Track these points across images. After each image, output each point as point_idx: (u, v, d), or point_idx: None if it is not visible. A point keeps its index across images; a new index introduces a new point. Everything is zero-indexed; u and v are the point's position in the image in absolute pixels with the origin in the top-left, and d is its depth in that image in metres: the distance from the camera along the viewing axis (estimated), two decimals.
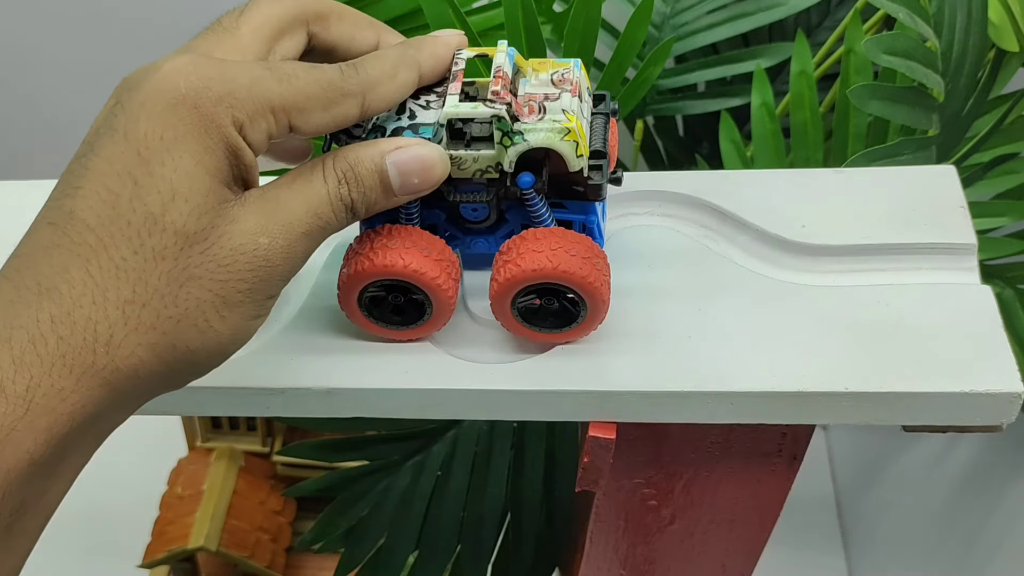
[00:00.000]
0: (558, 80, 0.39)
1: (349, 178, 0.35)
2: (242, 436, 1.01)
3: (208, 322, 0.32)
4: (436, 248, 0.39)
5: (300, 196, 0.34)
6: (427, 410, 0.41)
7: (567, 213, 0.40)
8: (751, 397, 0.40)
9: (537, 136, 0.37)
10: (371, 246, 0.38)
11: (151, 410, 0.42)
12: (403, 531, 0.72)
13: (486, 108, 0.37)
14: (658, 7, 0.79)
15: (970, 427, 0.40)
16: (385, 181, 0.36)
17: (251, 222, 0.33)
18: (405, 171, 0.36)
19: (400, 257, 0.38)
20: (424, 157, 0.36)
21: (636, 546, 0.53)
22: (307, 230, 0.34)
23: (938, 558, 0.87)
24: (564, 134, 0.37)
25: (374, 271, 0.38)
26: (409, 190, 0.37)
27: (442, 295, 0.39)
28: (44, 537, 0.35)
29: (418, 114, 0.38)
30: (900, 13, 0.55)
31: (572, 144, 0.37)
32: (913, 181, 0.46)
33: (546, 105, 0.38)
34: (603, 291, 0.39)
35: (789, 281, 0.43)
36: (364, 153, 0.36)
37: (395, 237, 0.39)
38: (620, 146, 0.90)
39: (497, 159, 0.38)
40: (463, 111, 0.37)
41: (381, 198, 0.36)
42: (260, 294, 0.34)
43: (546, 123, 0.37)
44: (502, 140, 0.37)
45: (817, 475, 1.13)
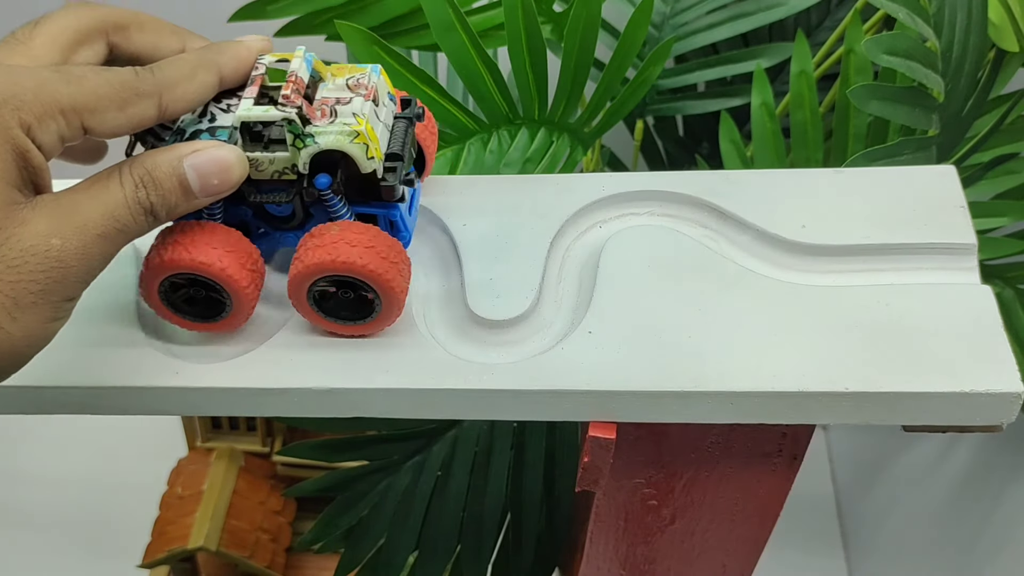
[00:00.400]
0: (353, 85, 0.40)
1: (147, 182, 0.36)
2: (242, 436, 1.01)
3: (3, 329, 0.33)
4: (229, 241, 0.40)
5: (96, 200, 0.35)
6: (427, 410, 0.41)
7: (370, 208, 0.41)
8: (751, 397, 0.40)
9: (327, 139, 0.38)
10: (163, 242, 0.39)
11: (151, 410, 0.42)
12: (403, 531, 0.72)
13: (277, 111, 0.38)
14: (658, 7, 0.79)
15: (970, 427, 0.40)
16: (184, 184, 0.37)
17: (43, 224, 0.33)
18: (204, 173, 0.37)
19: (187, 251, 0.39)
20: (221, 159, 0.37)
21: (636, 546, 0.53)
22: (103, 232, 0.34)
23: (938, 558, 0.87)
24: (353, 136, 0.38)
25: (165, 266, 0.39)
26: (209, 192, 0.37)
27: (235, 285, 0.40)
28: (44, 537, 0.35)
29: (218, 117, 0.39)
30: (900, 13, 0.55)
31: (362, 146, 0.38)
32: (913, 181, 0.46)
33: (338, 109, 0.39)
34: (389, 279, 0.40)
35: (789, 281, 0.43)
36: (161, 157, 0.36)
37: (186, 233, 0.39)
38: (620, 146, 0.91)
39: (291, 161, 0.39)
40: (254, 114, 0.38)
41: (182, 201, 0.37)
42: (55, 295, 0.34)
43: (336, 126, 0.38)
44: (294, 142, 0.38)
45: (817, 475, 1.13)
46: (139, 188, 0.36)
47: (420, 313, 0.43)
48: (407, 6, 0.66)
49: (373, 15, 0.67)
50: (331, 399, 0.41)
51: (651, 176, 0.47)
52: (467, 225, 0.45)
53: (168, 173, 0.36)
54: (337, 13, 0.66)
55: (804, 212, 0.45)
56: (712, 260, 0.44)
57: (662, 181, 0.46)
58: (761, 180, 0.46)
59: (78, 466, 1.16)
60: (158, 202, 0.36)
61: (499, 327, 0.42)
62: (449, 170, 0.61)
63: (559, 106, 0.63)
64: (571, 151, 0.65)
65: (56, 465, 1.17)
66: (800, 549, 1.06)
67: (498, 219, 0.46)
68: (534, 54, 0.59)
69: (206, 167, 0.37)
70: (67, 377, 0.41)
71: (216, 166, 0.37)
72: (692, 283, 0.43)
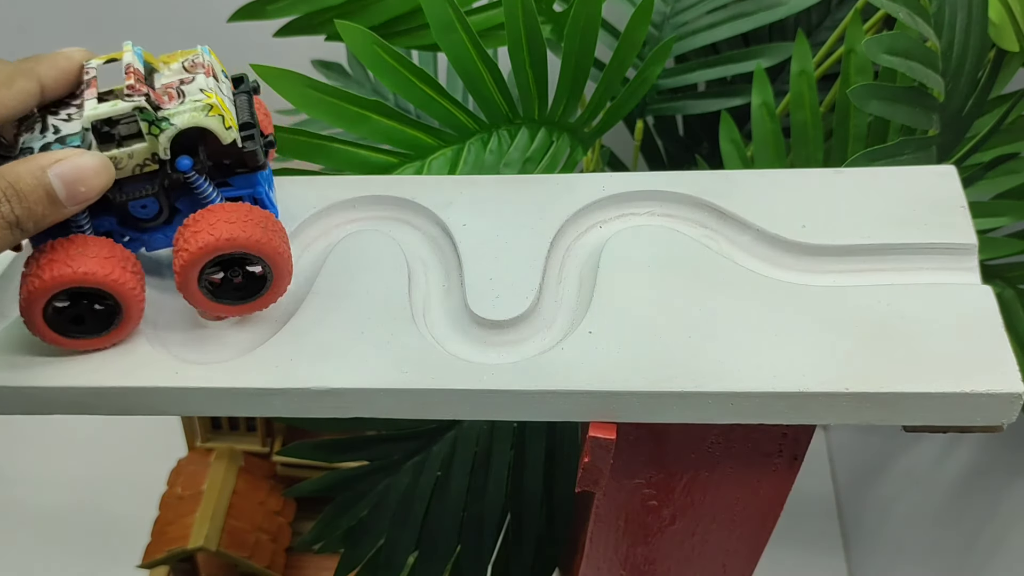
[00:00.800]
0: (190, 66, 0.40)
1: (10, 195, 0.36)
2: (242, 436, 1.01)
3: None
4: (105, 249, 0.40)
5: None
6: (427, 410, 0.41)
7: (234, 190, 0.42)
8: (752, 397, 0.40)
9: (183, 117, 0.39)
10: (38, 264, 0.39)
11: (151, 410, 0.42)
12: (403, 531, 0.72)
13: (125, 103, 0.38)
14: (658, 7, 0.79)
15: (970, 427, 0.40)
16: (51, 194, 0.36)
17: None
18: (69, 181, 0.37)
19: (67, 265, 0.38)
20: (85, 165, 0.37)
21: (636, 546, 0.53)
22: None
23: (938, 558, 0.87)
24: (208, 110, 0.39)
25: (48, 286, 0.39)
26: (78, 199, 0.37)
27: (123, 289, 0.40)
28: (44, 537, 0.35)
29: (62, 128, 0.40)
30: (900, 13, 0.55)
31: (218, 118, 0.39)
32: (913, 181, 0.46)
33: (184, 89, 0.39)
34: (275, 245, 0.40)
35: (789, 281, 0.43)
36: (23, 169, 0.36)
37: (60, 249, 0.39)
38: (620, 146, 0.91)
39: (151, 150, 0.39)
40: (103, 111, 0.38)
41: (49, 211, 0.37)
42: None
43: (188, 104, 0.39)
44: (150, 130, 0.39)
45: (817, 475, 1.13)
46: (2, 203, 0.35)
47: (420, 313, 0.43)
48: (407, 6, 0.66)
49: (373, 15, 0.66)
50: (331, 399, 0.41)
51: (651, 176, 0.47)
52: (467, 225, 0.45)
53: (33, 185, 0.36)
54: (337, 13, 0.66)
55: (804, 212, 0.45)
56: (712, 260, 0.44)
57: (662, 181, 0.46)
58: (761, 180, 0.46)
59: (78, 466, 1.16)
60: (24, 215, 0.36)
61: (499, 327, 0.42)
62: (449, 170, 0.61)
63: (559, 106, 0.63)
64: (571, 151, 0.65)
65: (56, 465, 1.17)
66: (800, 549, 1.06)
67: (498, 219, 0.46)
68: (534, 54, 0.59)
69: (71, 175, 0.37)
70: (67, 377, 0.41)
71: (81, 172, 0.37)
72: (692, 283, 0.43)
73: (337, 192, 0.47)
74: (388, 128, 0.59)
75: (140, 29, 1.04)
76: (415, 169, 0.60)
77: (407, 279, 0.44)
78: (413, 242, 0.46)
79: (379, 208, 0.47)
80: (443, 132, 0.61)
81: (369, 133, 0.58)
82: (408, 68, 0.58)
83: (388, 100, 0.86)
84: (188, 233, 0.39)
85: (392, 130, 0.59)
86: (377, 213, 0.47)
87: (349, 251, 0.45)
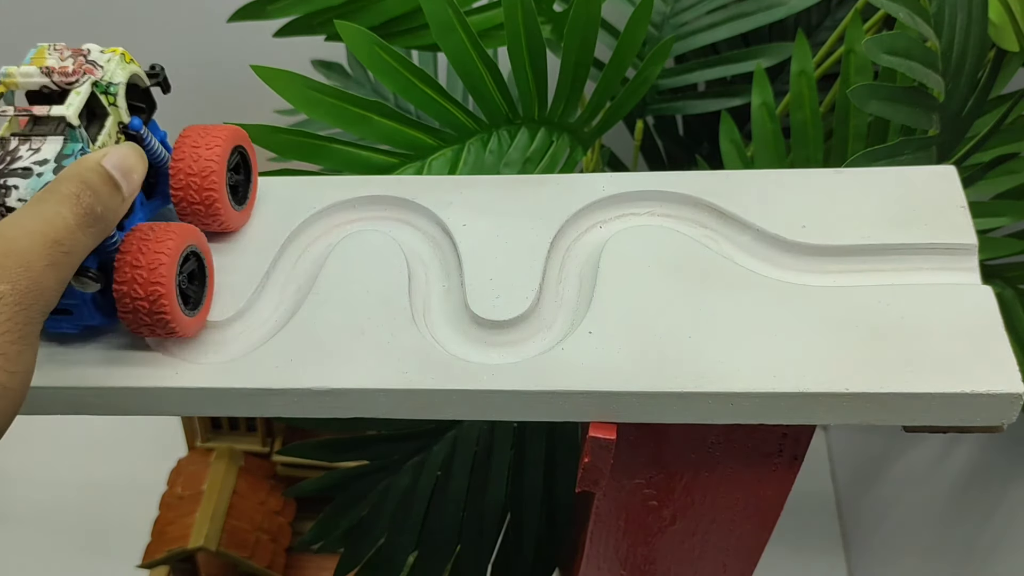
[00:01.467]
0: (58, 48, 0.40)
1: (85, 190, 0.35)
2: (242, 436, 1.01)
3: (3, 384, 0.32)
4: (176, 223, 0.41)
5: (33, 231, 0.34)
6: (427, 410, 0.41)
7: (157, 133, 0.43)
8: (752, 397, 0.40)
9: (118, 75, 0.40)
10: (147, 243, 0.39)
11: (151, 410, 0.42)
12: (403, 531, 0.72)
13: (84, 87, 0.39)
14: (658, 7, 0.79)
15: (970, 427, 0.40)
16: (116, 184, 0.37)
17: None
18: (125, 169, 0.37)
19: (173, 232, 0.39)
20: (128, 153, 0.38)
21: (636, 546, 0.53)
22: (51, 262, 0.34)
23: (938, 558, 0.87)
24: (126, 60, 0.40)
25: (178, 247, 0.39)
26: (132, 187, 0.38)
27: (209, 256, 0.42)
28: (44, 537, 0.35)
29: (21, 151, 0.38)
30: (900, 13, 0.55)
31: (135, 64, 0.40)
32: (913, 181, 0.46)
33: (86, 58, 0.39)
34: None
35: (789, 281, 0.43)
36: (83, 167, 0.36)
37: (146, 228, 0.39)
38: (620, 146, 0.91)
39: (117, 119, 0.40)
40: (79, 101, 0.38)
41: (119, 202, 0.37)
42: (32, 335, 0.33)
43: (110, 65, 0.40)
44: (107, 100, 0.39)
45: (817, 475, 1.13)
46: (81, 198, 0.35)
47: (420, 313, 0.43)
48: (407, 6, 0.66)
49: (373, 15, 0.67)
50: (331, 399, 0.41)
51: (651, 176, 0.47)
52: (467, 225, 0.45)
53: (99, 179, 0.36)
54: (337, 13, 0.66)
55: (804, 212, 0.45)
56: (712, 260, 0.44)
57: (662, 181, 0.46)
58: (761, 180, 0.46)
59: (78, 466, 1.16)
60: (103, 208, 0.36)
61: (499, 327, 0.42)
62: (449, 170, 0.61)
63: (559, 106, 0.63)
64: (571, 151, 0.65)
65: (56, 465, 1.17)
66: (800, 549, 1.06)
67: (498, 219, 0.46)
68: (534, 54, 0.59)
69: (123, 163, 0.37)
70: (67, 377, 0.41)
71: (128, 159, 0.38)
72: (692, 283, 0.43)
73: (337, 192, 0.47)
74: (388, 129, 0.58)
75: (140, 29, 1.04)
76: (415, 169, 0.60)
77: (407, 279, 0.44)
78: (413, 242, 0.46)
79: (379, 208, 0.47)
80: (443, 132, 0.61)
81: (369, 134, 0.58)
82: (408, 68, 0.58)
83: (388, 101, 0.86)
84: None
85: (392, 131, 0.59)
86: (377, 213, 0.47)
87: (349, 251, 0.45)
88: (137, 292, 0.38)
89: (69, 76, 0.38)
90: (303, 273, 0.45)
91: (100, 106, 0.39)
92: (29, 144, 0.38)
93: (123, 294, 0.38)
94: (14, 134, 0.38)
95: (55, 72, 0.39)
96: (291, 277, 0.45)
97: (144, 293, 0.38)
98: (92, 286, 0.38)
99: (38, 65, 0.39)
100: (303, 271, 0.45)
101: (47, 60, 0.39)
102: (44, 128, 0.38)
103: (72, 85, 0.38)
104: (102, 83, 0.39)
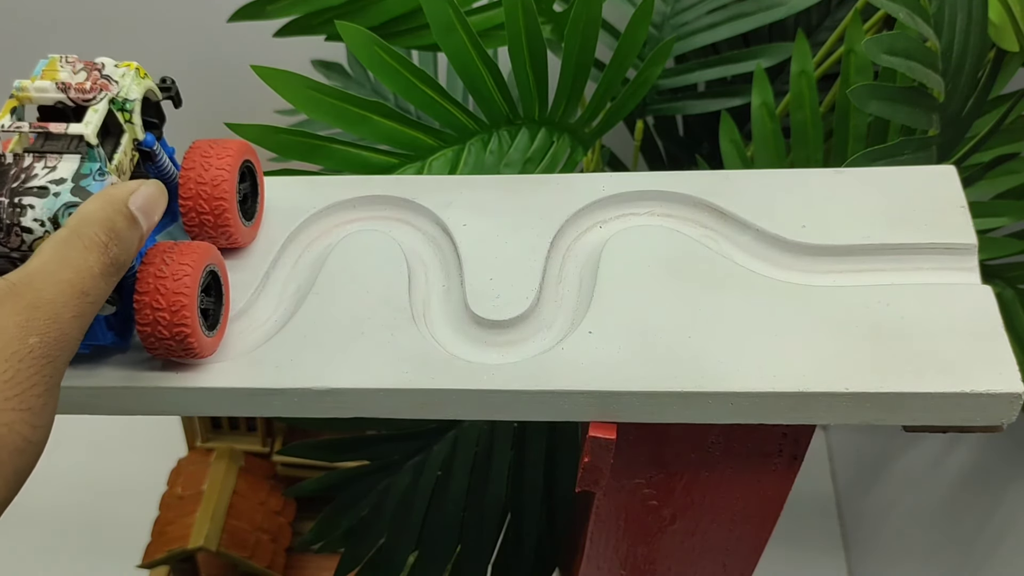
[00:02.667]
0: (70, 60, 0.39)
1: (112, 239, 0.35)
2: (242, 436, 1.01)
3: (27, 439, 0.31)
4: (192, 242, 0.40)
5: (60, 281, 0.33)
6: (427, 410, 0.41)
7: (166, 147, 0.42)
8: (752, 397, 0.40)
9: (133, 91, 0.39)
10: (168, 262, 0.38)
11: (151, 410, 0.42)
12: (403, 531, 0.72)
13: (101, 104, 0.37)
14: (658, 7, 0.79)
15: (970, 427, 0.40)
16: (139, 226, 0.36)
17: (11, 323, 0.31)
18: (148, 211, 0.36)
19: (194, 250, 0.39)
20: (153, 192, 0.37)
21: (636, 546, 0.53)
22: (77, 313, 0.33)
23: (938, 558, 0.87)
24: (141, 75, 0.39)
25: (199, 264, 0.38)
26: (151, 224, 0.37)
27: (225, 273, 0.41)
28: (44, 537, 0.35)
29: (36, 169, 0.37)
30: (900, 13, 0.55)
31: (149, 79, 0.40)
32: (913, 181, 0.46)
33: (100, 72, 0.38)
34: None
35: (789, 281, 0.43)
36: (110, 210, 0.35)
37: (166, 248, 0.39)
38: (620, 146, 0.91)
39: (132, 136, 0.39)
40: (96, 119, 0.37)
41: (136, 246, 0.36)
42: (56, 387, 0.33)
43: (124, 80, 0.38)
44: (123, 117, 0.38)
45: (817, 475, 1.13)
46: (110, 248, 0.35)
47: (420, 313, 0.43)
48: (407, 6, 0.66)
49: (373, 15, 0.67)
50: (331, 399, 0.41)
51: (651, 176, 0.47)
52: (467, 225, 0.45)
53: (125, 224, 0.35)
54: (337, 13, 0.66)
55: (804, 212, 0.45)
56: (712, 260, 0.44)
57: (662, 181, 0.46)
58: (761, 180, 0.46)
59: (78, 466, 1.16)
60: (124, 255, 0.35)
61: (499, 327, 0.42)
62: (449, 171, 0.61)
63: (559, 106, 0.63)
64: (571, 151, 0.65)
65: (55, 465, 1.17)
66: (800, 549, 1.06)
67: (498, 219, 0.46)
68: (534, 54, 0.59)
69: (148, 205, 0.36)
70: (67, 377, 0.41)
71: (152, 199, 0.37)
72: (692, 283, 0.43)
73: (337, 192, 0.47)
74: (388, 129, 0.58)
75: (140, 29, 1.04)
76: (415, 170, 0.60)
77: (407, 279, 0.44)
78: (413, 242, 0.46)
79: (379, 208, 0.47)
80: (443, 133, 0.61)
81: (369, 134, 0.58)
82: (408, 69, 0.58)
83: (388, 101, 0.86)
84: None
85: (392, 131, 0.59)
86: (377, 213, 0.47)
87: (349, 251, 0.45)
88: (162, 333, 0.38)
89: (87, 93, 0.37)
90: (303, 273, 0.45)
91: (116, 123, 0.38)
92: (44, 161, 0.37)
93: (147, 335, 0.38)
94: (27, 150, 0.37)
95: (72, 88, 0.38)
96: (291, 277, 0.45)
97: (169, 334, 0.38)
98: (108, 308, 0.38)
99: (51, 79, 0.38)
100: (303, 271, 0.45)
101: (60, 74, 0.38)
102: (56, 144, 0.37)
103: (89, 103, 0.37)
104: (118, 100, 0.38)
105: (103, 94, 0.37)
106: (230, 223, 0.42)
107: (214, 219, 0.42)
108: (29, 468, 0.32)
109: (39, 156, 0.37)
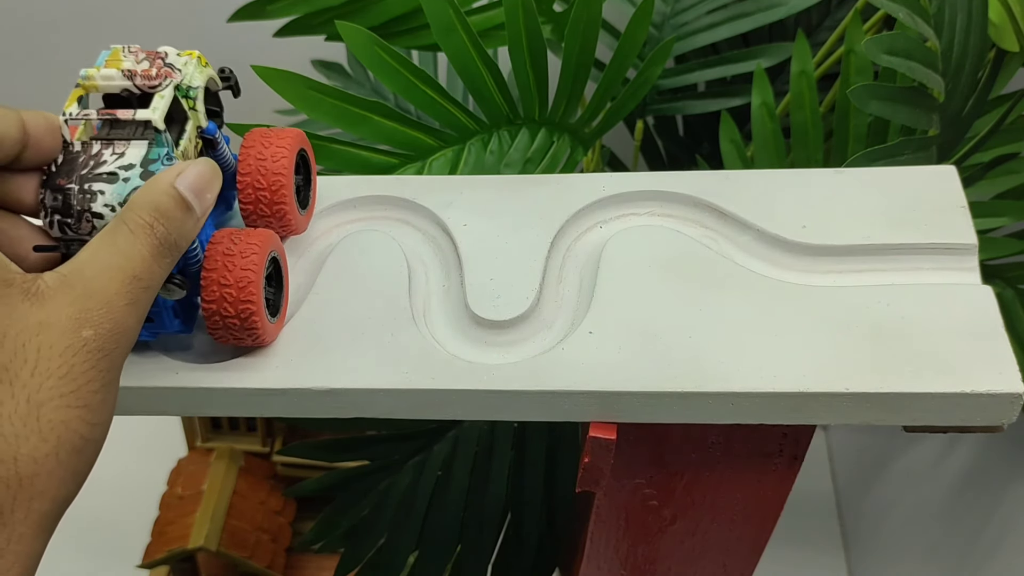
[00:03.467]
0: (133, 50, 0.39)
1: (158, 218, 0.34)
2: (242, 436, 1.01)
3: (84, 437, 0.31)
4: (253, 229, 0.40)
5: (110, 269, 0.32)
6: (427, 410, 0.41)
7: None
8: (752, 397, 0.40)
9: (197, 79, 0.39)
10: (234, 245, 0.38)
11: (151, 410, 0.42)
12: (403, 531, 0.72)
13: (167, 90, 0.38)
14: (658, 7, 0.79)
15: (970, 427, 0.40)
16: (189, 206, 0.35)
17: (63, 315, 0.31)
18: (198, 190, 0.36)
19: (258, 235, 0.39)
20: (204, 171, 0.36)
21: (637, 546, 0.53)
22: (131, 300, 0.32)
23: (938, 558, 0.87)
24: (202, 64, 0.39)
25: (265, 248, 0.39)
26: (205, 208, 0.36)
27: (285, 261, 0.41)
28: None
29: (105, 156, 0.37)
30: (900, 13, 0.55)
31: (210, 68, 0.40)
32: (913, 181, 0.46)
33: (162, 60, 0.39)
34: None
35: (789, 281, 0.43)
36: (156, 190, 0.35)
37: (231, 234, 0.39)
38: (620, 146, 0.91)
39: (196, 122, 0.39)
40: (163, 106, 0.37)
41: (191, 225, 0.35)
42: (114, 381, 0.32)
43: (187, 68, 0.39)
44: (188, 104, 0.38)
45: (817, 475, 1.13)
46: (156, 228, 0.34)
47: (420, 313, 0.43)
48: (407, 6, 0.66)
49: (373, 15, 0.67)
50: (331, 399, 0.41)
51: (651, 176, 0.47)
52: (467, 225, 0.45)
53: (172, 203, 0.35)
54: (337, 13, 0.66)
55: (804, 212, 0.45)
56: (712, 260, 0.44)
57: (662, 181, 0.46)
58: (761, 180, 0.46)
59: None
60: (177, 234, 0.35)
61: (499, 327, 0.42)
62: (450, 171, 0.61)
63: (559, 106, 0.63)
64: (571, 151, 0.65)
65: None
66: (800, 549, 1.06)
67: (498, 219, 0.46)
68: (534, 54, 0.59)
69: (198, 183, 0.36)
70: None
71: (203, 179, 0.36)
72: (692, 283, 0.43)
73: (337, 192, 0.47)
74: (388, 129, 0.58)
75: (140, 29, 1.04)
76: (416, 170, 0.60)
77: (407, 279, 0.44)
78: (413, 242, 0.46)
79: (379, 208, 0.47)
80: (444, 133, 0.61)
81: (369, 134, 0.58)
82: (408, 69, 0.58)
83: (388, 101, 0.86)
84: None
85: (392, 131, 0.59)
86: (377, 213, 0.47)
87: (349, 251, 0.45)
88: (228, 311, 0.38)
89: (152, 80, 0.38)
90: (303, 273, 0.45)
91: (180, 110, 0.38)
92: (112, 148, 0.37)
93: (212, 312, 0.38)
94: (94, 138, 0.37)
95: (137, 75, 0.38)
96: (291, 277, 0.45)
97: (235, 311, 0.38)
98: (178, 293, 0.37)
99: (116, 68, 0.38)
100: (303, 270, 0.45)
101: (124, 62, 0.38)
102: (122, 132, 0.37)
103: (155, 89, 0.38)
104: (182, 87, 0.38)
105: (168, 81, 0.38)
106: (286, 202, 0.42)
107: (270, 195, 0.41)
108: (88, 467, 0.32)
109: (107, 143, 0.37)
